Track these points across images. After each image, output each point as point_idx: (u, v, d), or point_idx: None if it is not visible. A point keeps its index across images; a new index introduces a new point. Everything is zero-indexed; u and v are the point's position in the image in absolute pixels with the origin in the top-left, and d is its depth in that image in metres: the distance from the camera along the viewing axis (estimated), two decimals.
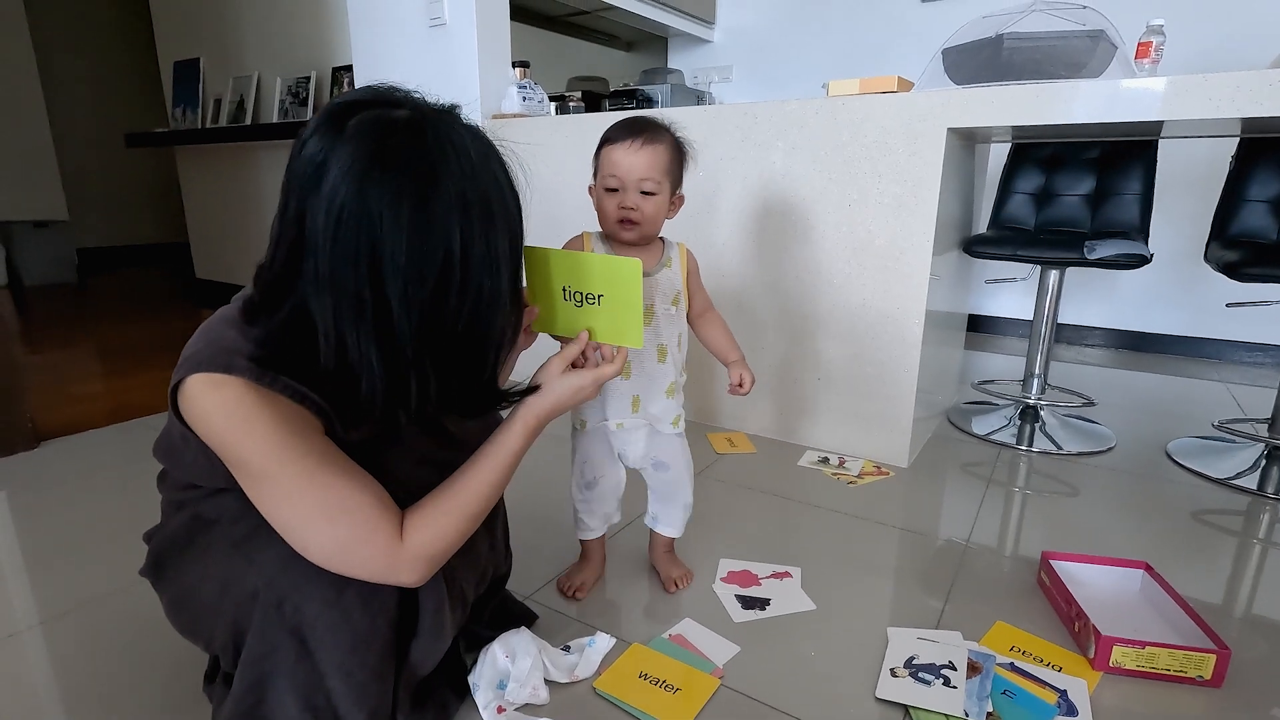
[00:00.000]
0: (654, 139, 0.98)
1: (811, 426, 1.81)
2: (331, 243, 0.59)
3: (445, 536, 0.71)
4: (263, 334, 0.64)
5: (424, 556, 0.69)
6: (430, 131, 0.62)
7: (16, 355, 1.76)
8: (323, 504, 0.64)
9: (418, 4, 2.29)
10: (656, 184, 0.98)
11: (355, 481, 0.67)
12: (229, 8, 3.50)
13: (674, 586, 1.16)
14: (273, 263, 0.64)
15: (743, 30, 3.63)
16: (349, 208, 0.58)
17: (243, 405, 0.62)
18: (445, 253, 0.61)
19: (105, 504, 1.48)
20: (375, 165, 0.59)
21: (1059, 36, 1.50)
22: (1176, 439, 1.87)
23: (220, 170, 3.82)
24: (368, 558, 0.66)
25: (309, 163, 0.60)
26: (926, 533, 1.38)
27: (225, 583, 0.70)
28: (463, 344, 0.66)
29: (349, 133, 0.60)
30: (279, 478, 0.63)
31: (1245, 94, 1.23)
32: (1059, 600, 1.11)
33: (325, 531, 0.65)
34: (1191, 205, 2.64)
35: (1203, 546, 1.35)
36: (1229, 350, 2.79)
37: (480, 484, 0.75)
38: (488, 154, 0.66)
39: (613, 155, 0.97)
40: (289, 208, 0.62)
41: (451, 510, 0.72)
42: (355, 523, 0.65)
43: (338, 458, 0.67)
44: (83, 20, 5.17)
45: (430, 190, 0.60)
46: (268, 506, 0.65)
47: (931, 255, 1.56)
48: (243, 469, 0.64)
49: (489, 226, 0.64)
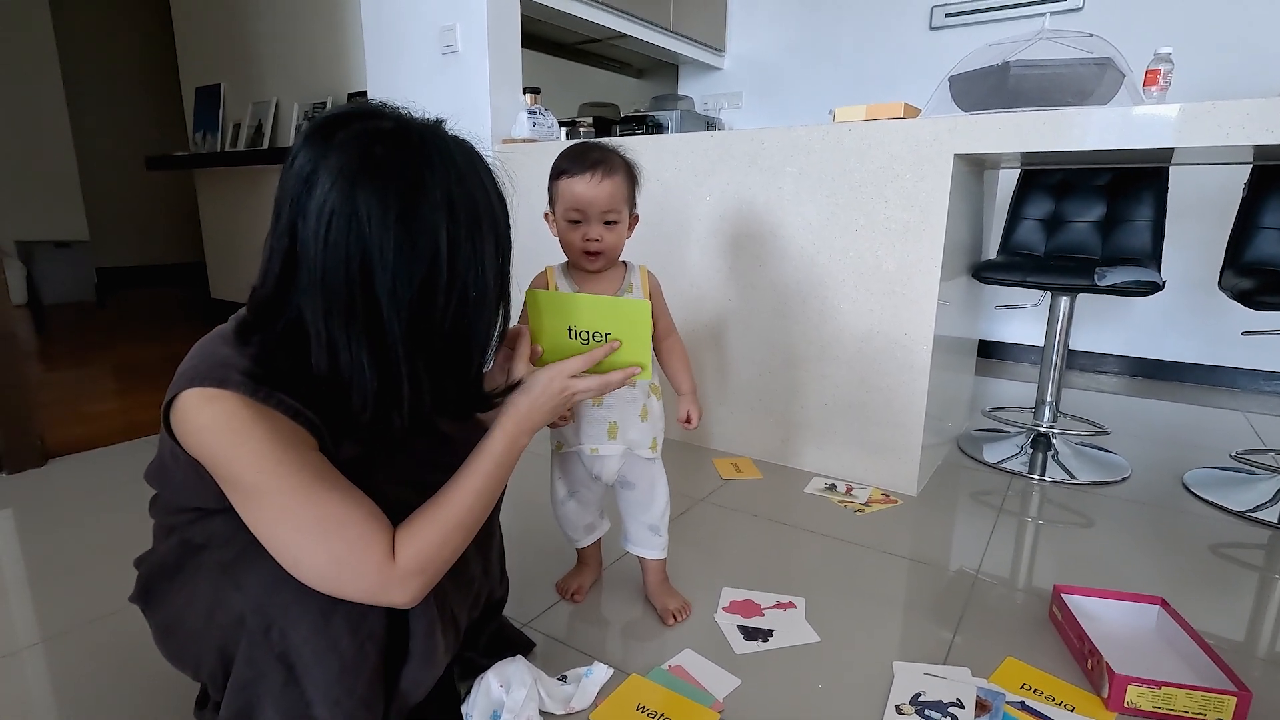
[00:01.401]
0: (611, 170, 0.99)
1: (818, 452, 1.79)
2: (323, 246, 0.61)
3: (436, 548, 0.69)
4: (257, 350, 0.65)
5: (416, 571, 0.67)
6: (416, 139, 0.64)
7: (28, 374, 1.78)
8: (315, 520, 0.63)
9: (431, 31, 2.33)
10: (618, 214, 1.01)
11: (348, 498, 0.66)
12: (250, 36, 3.59)
13: (672, 619, 1.14)
14: (266, 278, 0.65)
15: (752, 58, 3.68)
16: (339, 211, 0.60)
17: (236, 419, 0.62)
18: (432, 252, 0.63)
19: (110, 523, 1.48)
20: (363, 171, 0.61)
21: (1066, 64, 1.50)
22: (1193, 469, 1.83)
23: (237, 192, 3.89)
24: (360, 575, 0.65)
25: (299, 175, 0.62)
26: (935, 563, 1.35)
27: (212, 608, 0.69)
28: (450, 343, 0.68)
29: (337, 143, 0.62)
30: (271, 493, 0.63)
31: (1256, 121, 1.22)
32: (1071, 636, 1.08)
33: (317, 549, 0.64)
34: (1204, 232, 2.62)
35: (1221, 582, 1.31)
36: (1246, 379, 2.74)
37: (466, 493, 0.73)
38: (473, 161, 0.68)
39: (574, 189, 0.98)
40: (281, 219, 0.63)
41: (440, 520, 0.70)
42: (348, 539, 0.64)
43: (330, 474, 0.66)
44: (109, 47, 5.32)
45: (417, 193, 0.62)
46: (259, 524, 0.64)
47: (939, 281, 1.54)
48: (235, 485, 0.64)
49: (475, 229, 0.66)
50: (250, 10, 3.55)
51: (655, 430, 1.11)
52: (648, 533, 1.15)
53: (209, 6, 3.76)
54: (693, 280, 1.92)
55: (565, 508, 1.16)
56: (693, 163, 1.86)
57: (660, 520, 1.15)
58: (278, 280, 0.64)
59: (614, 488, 1.15)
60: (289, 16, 3.38)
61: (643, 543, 1.16)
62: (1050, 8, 2.82)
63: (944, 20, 3.08)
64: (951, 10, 3.05)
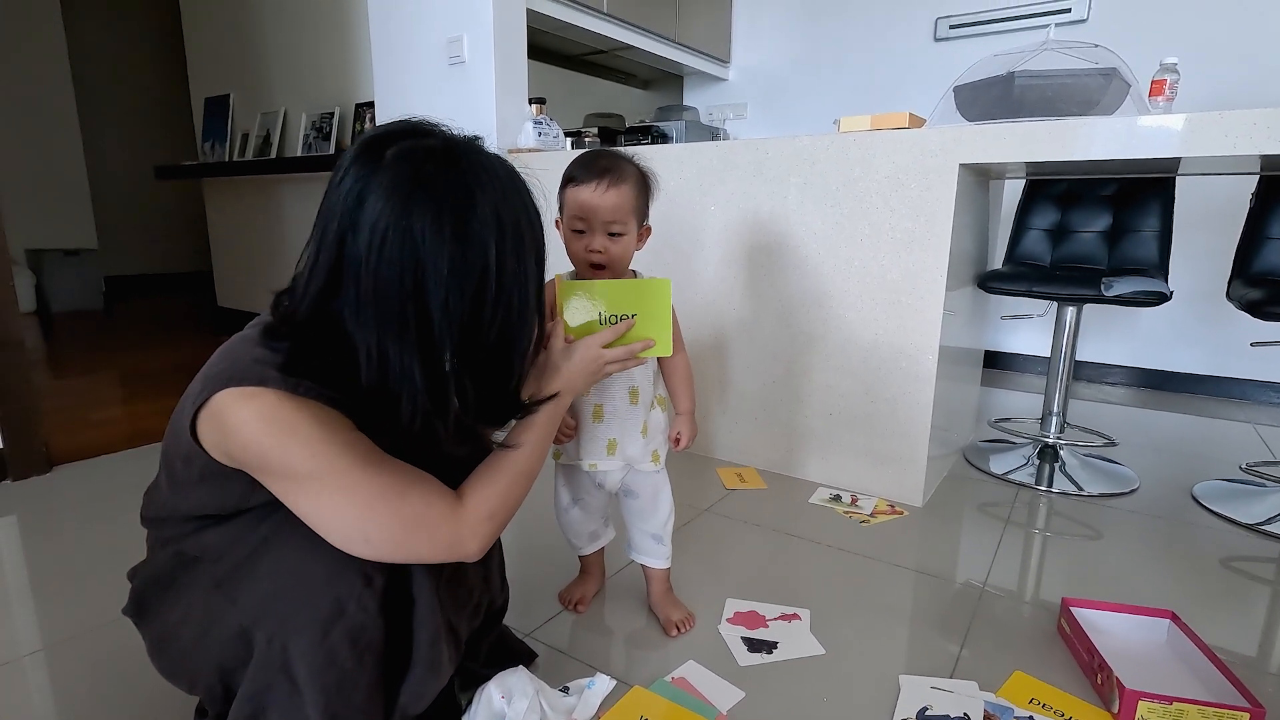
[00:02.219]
0: (619, 179, 0.96)
1: (823, 463, 1.78)
2: (376, 261, 0.62)
3: (503, 495, 0.74)
4: (291, 348, 0.66)
5: (486, 516, 0.72)
6: (464, 157, 0.67)
7: (33, 382, 1.78)
8: (379, 492, 0.65)
9: (438, 43, 2.35)
10: (624, 225, 0.98)
11: (402, 466, 0.69)
12: (259, 47, 3.63)
13: (675, 630, 1.12)
14: (306, 288, 0.66)
15: (758, 69, 3.69)
16: (394, 226, 0.62)
17: (281, 410, 0.63)
18: (482, 266, 0.66)
19: (114, 530, 1.48)
20: (417, 188, 0.63)
21: (1071, 74, 1.50)
22: (1202, 481, 1.81)
23: (244, 202, 3.92)
24: (434, 531, 0.68)
25: (349, 192, 0.64)
26: (942, 575, 1.34)
27: (206, 625, 0.69)
28: (494, 354, 0.71)
29: (387, 161, 0.64)
30: (329, 474, 0.64)
31: (1263, 131, 1.21)
32: (1080, 650, 1.06)
33: (387, 518, 0.66)
34: (1212, 242, 2.60)
35: (1233, 596, 1.29)
36: (1255, 390, 2.72)
37: (524, 444, 0.78)
38: (514, 179, 0.71)
39: (578, 197, 0.96)
40: (328, 233, 0.65)
41: (504, 469, 0.75)
42: (413, 502, 0.67)
43: (376, 449, 0.68)
44: (120, 58, 5.38)
45: (468, 209, 0.65)
46: (318, 509, 0.65)
47: (945, 290, 1.54)
48: (289, 475, 0.64)
49: (519, 243, 0.69)
50: (260, 22, 3.58)
51: (656, 444, 1.10)
52: (651, 541, 1.14)
53: (219, 18, 3.80)
54: (697, 289, 1.92)
55: (568, 515, 1.15)
56: (698, 173, 1.86)
57: (663, 529, 1.14)
58: (320, 291, 0.66)
59: (618, 495, 1.14)
60: (298, 28, 3.41)
61: (646, 551, 1.15)
62: (1055, 19, 2.83)
63: (948, 31, 3.09)
64: (956, 21, 3.06)
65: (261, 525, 0.69)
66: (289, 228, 3.69)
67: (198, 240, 4.88)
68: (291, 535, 0.67)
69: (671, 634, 1.12)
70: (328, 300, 0.65)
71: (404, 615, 0.71)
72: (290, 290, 0.70)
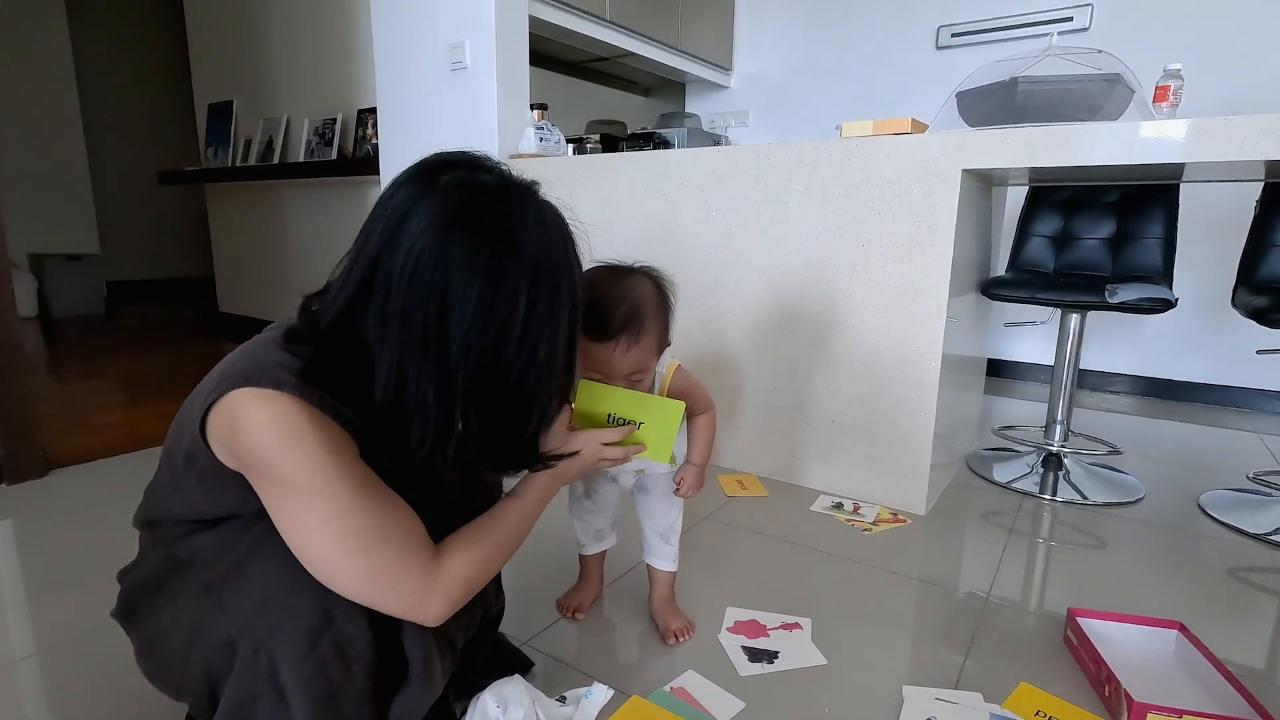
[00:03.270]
0: (638, 333, 0.90)
1: (825, 470, 1.77)
2: (408, 281, 0.62)
3: (481, 563, 0.72)
4: (312, 354, 0.66)
5: (459, 579, 0.70)
6: (515, 198, 0.67)
7: (31, 386, 1.78)
8: (358, 531, 0.64)
9: (440, 49, 2.35)
10: (645, 372, 0.95)
11: (390, 508, 0.67)
12: (263, 53, 3.64)
13: (673, 639, 1.11)
14: (337, 295, 0.67)
15: (760, 76, 3.70)
16: (429, 251, 0.62)
17: (293, 419, 0.62)
18: (511, 306, 0.65)
19: (109, 534, 1.47)
20: (460, 219, 0.63)
21: (1074, 80, 1.49)
22: (1209, 491, 1.79)
23: (247, 207, 3.92)
24: (401, 585, 0.66)
25: (396, 209, 0.64)
26: (945, 584, 1.32)
27: (195, 631, 0.67)
28: (510, 398, 0.69)
29: (440, 188, 0.65)
30: (320, 496, 0.63)
31: (1268, 136, 1.20)
32: (1087, 661, 1.04)
33: (356, 562, 0.64)
34: (1216, 250, 2.59)
35: (1241, 606, 1.27)
36: (1261, 399, 2.70)
37: (511, 515, 0.78)
38: (562, 229, 0.71)
39: (596, 355, 0.91)
40: (367, 245, 0.65)
41: (489, 535, 0.74)
42: (387, 554, 0.65)
43: (374, 481, 0.67)
44: (125, 64, 5.41)
45: (507, 248, 0.64)
46: (300, 530, 0.64)
47: (948, 297, 1.53)
48: (284, 486, 0.63)
49: (555, 293, 0.68)
50: (263, 28, 3.60)
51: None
52: (659, 540, 1.14)
53: (223, 25, 3.82)
54: (698, 295, 1.91)
55: (581, 505, 1.16)
56: (699, 178, 1.86)
57: (670, 530, 1.13)
58: (350, 301, 0.66)
59: (632, 494, 1.14)
60: (301, 34, 3.43)
61: (654, 551, 1.15)
62: (1057, 28, 2.83)
63: (950, 40, 3.09)
64: (958, 30, 3.06)
65: (252, 531, 0.68)
66: (291, 233, 3.69)
67: (200, 246, 4.89)
68: (283, 543, 0.65)
69: (670, 642, 1.11)
70: (355, 311, 0.65)
71: (395, 626, 0.70)
72: (322, 294, 0.70)
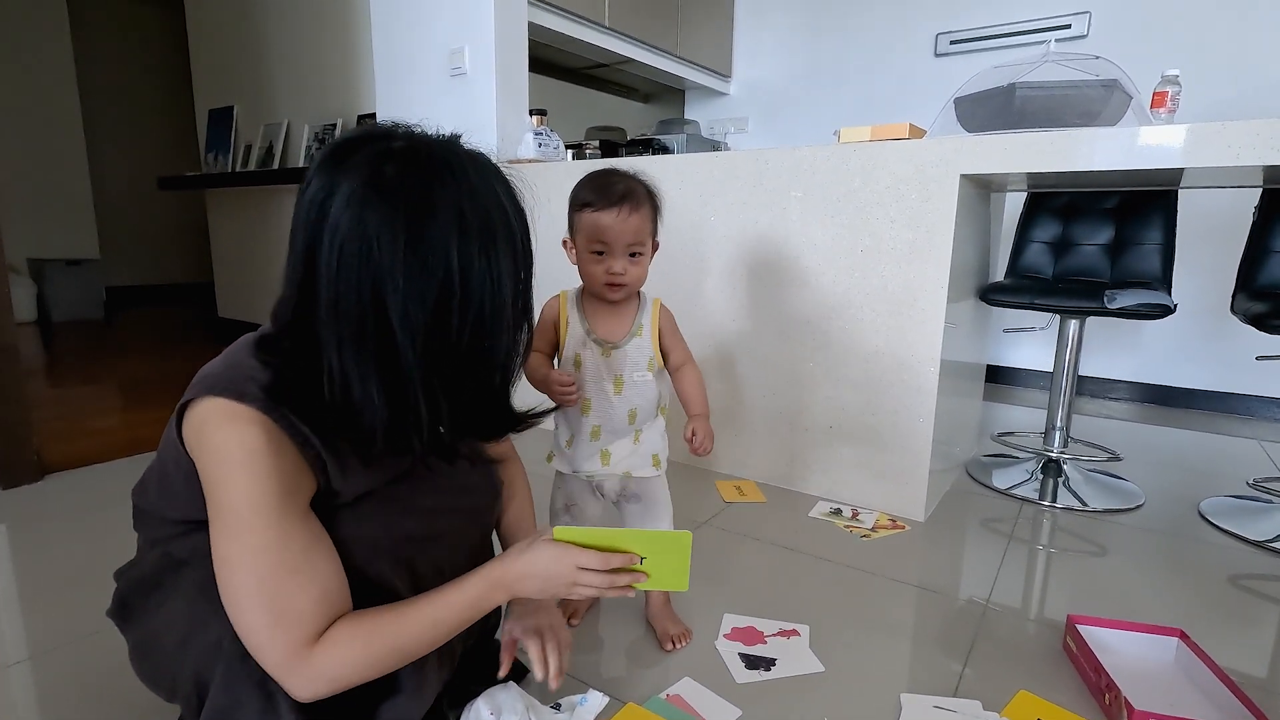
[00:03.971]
0: (638, 203, 0.98)
1: (824, 476, 1.76)
2: (336, 274, 0.60)
3: (361, 666, 0.65)
4: (276, 368, 0.65)
5: (327, 678, 0.63)
6: (426, 156, 0.63)
7: (26, 390, 1.77)
8: (265, 578, 0.61)
9: (440, 54, 2.36)
10: (643, 245, 1.00)
11: (308, 571, 0.63)
12: (263, 59, 3.65)
13: (670, 645, 1.10)
14: (284, 305, 0.65)
15: (759, 83, 3.71)
16: (350, 237, 0.60)
17: (248, 443, 0.61)
18: (444, 271, 0.61)
19: (102, 539, 1.46)
20: (372, 193, 0.60)
21: (1072, 86, 1.50)
22: (1209, 497, 1.79)
23: (246, 212, 3.93)
24: (264, 653, 0.62)
25: (313, 201, 0.62)
26: (944, 591, 1.31)
27: (188, 631, 0.67)
28: (467, 363, 0.66)
29: (349, 166, 0.62)
30: (245, 532, 0.61)
31: (1265, 142, 1.20)
32: (1087, 669, 1.03)
33: (254, 606, 0.61)
34: (1216, 256, 2.59)
35: (1242, 614, 1.26)
36: (1261, 406, 2.69)
37: (423, 620, 0.68)
38: (487, 175, 0.66)
39: (600, 222, 0.97)
40: (297, 245, 0.63)
41: (383, 635, 0.66)
42: (276, 611, 0.61)
43: (304, 536, 0.64)
44: (127, 69, 5.43)
45: (424, 211, 0.61)
46: (222, 555, 0.62)
47: (946, 302, 1.52)
48: (218, 507, 0.62)
49: (489, 245, 0.64)
50: (264, 34, 3.61)
51: (655, 448, 1.10)
52: None
53: (224, 30, 3.84)
54: (697, 300, 1.91)
55: (561, 521, 1.14)
56: (698, 184, 1.86)
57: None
58: (295, 307, 0.64)
59: (619, 506, 1.13)
60: (301, 40, 3.44)
61: None
62: (1054, 35, 2.84)
63: (949, 47, 3.10)
64: (956, 37, 3.07)
65: None
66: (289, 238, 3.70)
67: (199, 251, 4.89)
68: None
69: (667, 648, 1.10)
70: (307, 315, 0.63)
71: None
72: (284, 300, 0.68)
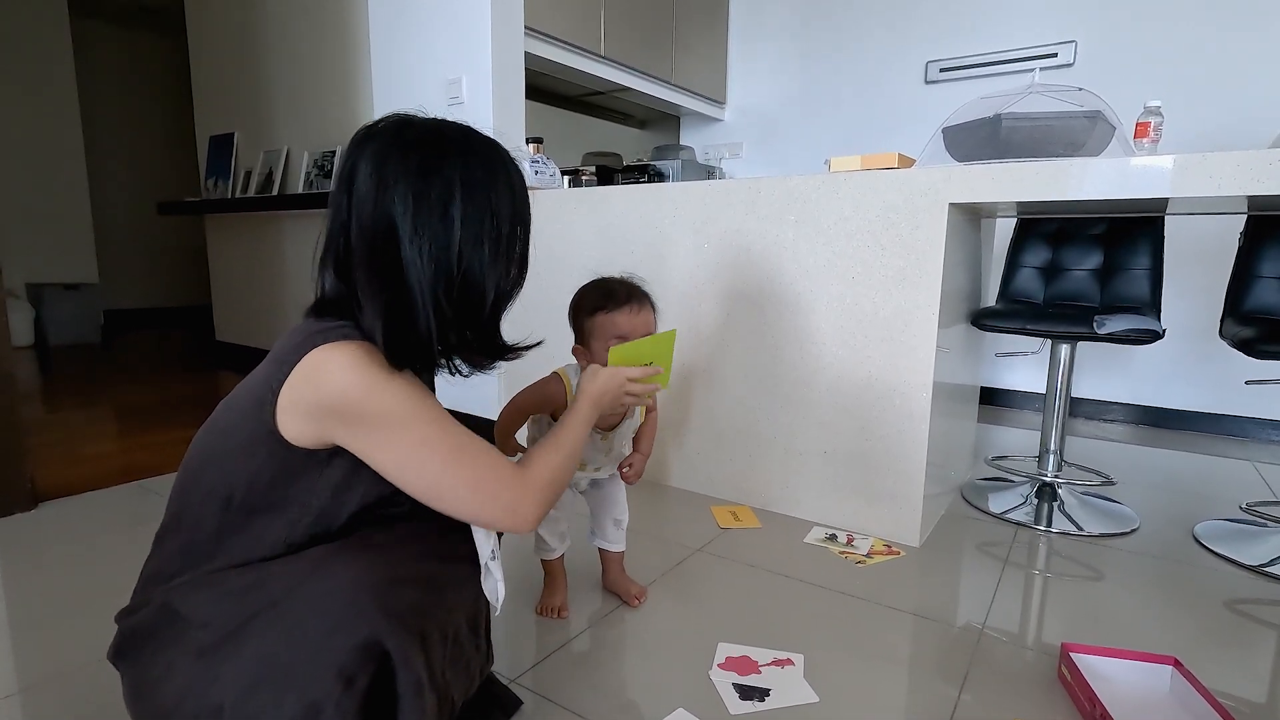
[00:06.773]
0: (643, 300, 1.16)
1: (818, 501, 1.76)
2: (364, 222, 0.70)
3: (556, 469, 0.81)
4: (342, 319, 0.73)
5: (545, 482, 0.79)
6: (446, 125, 0.76)
7: (20, 416, 1.77)
8: (454, 449, 0.71)
9: (438, 84, 2.40)
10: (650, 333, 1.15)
11: (468, 430, 0.74)
12: (264, 86, 3.70)
13: (635, 601, 1.30)
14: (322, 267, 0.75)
15: (753, 110, 3.77)
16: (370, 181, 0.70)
17: (371, 359, 0.69)
18: (447, 190, 0.71)
19: (96, 569, 1.45)
20: (394, 146, 0.72)
21: (1057, 117, 1.53)
22: (1203, 521, 1.79)
23: (245, 237, 3.95)
24: (502, 490, 0.74)
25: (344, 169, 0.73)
26: (939, 618, 1.31)
27: (186, 692, 0.67)
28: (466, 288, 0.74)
29: (375, 134, 0.74)
30: (414, 423, 0.70)
31: (1246, 172, 1.23)
32: (1082, 698, 1.03)
33: (459, 474, 0.72)
34: (1204, 280, 2.62)
35: (1237, 640, 1.26)
36: (1253, 428, 2.70)
37: (570, 431, 0.87)
38: (494, 143, 0.78)
39: (617, 321, 1.13)
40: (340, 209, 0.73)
41: (558, 447, 0.84)
42: (481, 465, 0.73)
43: (445, 410, 0.74)
44: (129, 96, 5.49)
45: (435, 149, 0.72)
46: (399, 457, 0.70)
47: (938, 328, 1.54)
48: (375, 421, 0.68)
49: (492, 183, 0.74)
50: (265, 62, 3.66)
51: (624, 453, 1.26)
52: (613, 527, 1.32)
53: (225, 57, 3.89)
54: (690, 326, 1.92)
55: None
56: (691, 210, 1.88)
57: (622, 514, 1.32)
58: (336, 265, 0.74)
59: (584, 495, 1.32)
60: (302, 69, 3.49)
61: (609, 537, 1.33)
62: (1040, 64, 2.90)
63: (938, 75, 3.16)
64: (946, 65, 3.13)
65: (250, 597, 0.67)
66: (289, 264, 3.71)
67: (198, 275, 4.90)
68: (279, 620, 0.65)
69: (634, 604, 1.29)
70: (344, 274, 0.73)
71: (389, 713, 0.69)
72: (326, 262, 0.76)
